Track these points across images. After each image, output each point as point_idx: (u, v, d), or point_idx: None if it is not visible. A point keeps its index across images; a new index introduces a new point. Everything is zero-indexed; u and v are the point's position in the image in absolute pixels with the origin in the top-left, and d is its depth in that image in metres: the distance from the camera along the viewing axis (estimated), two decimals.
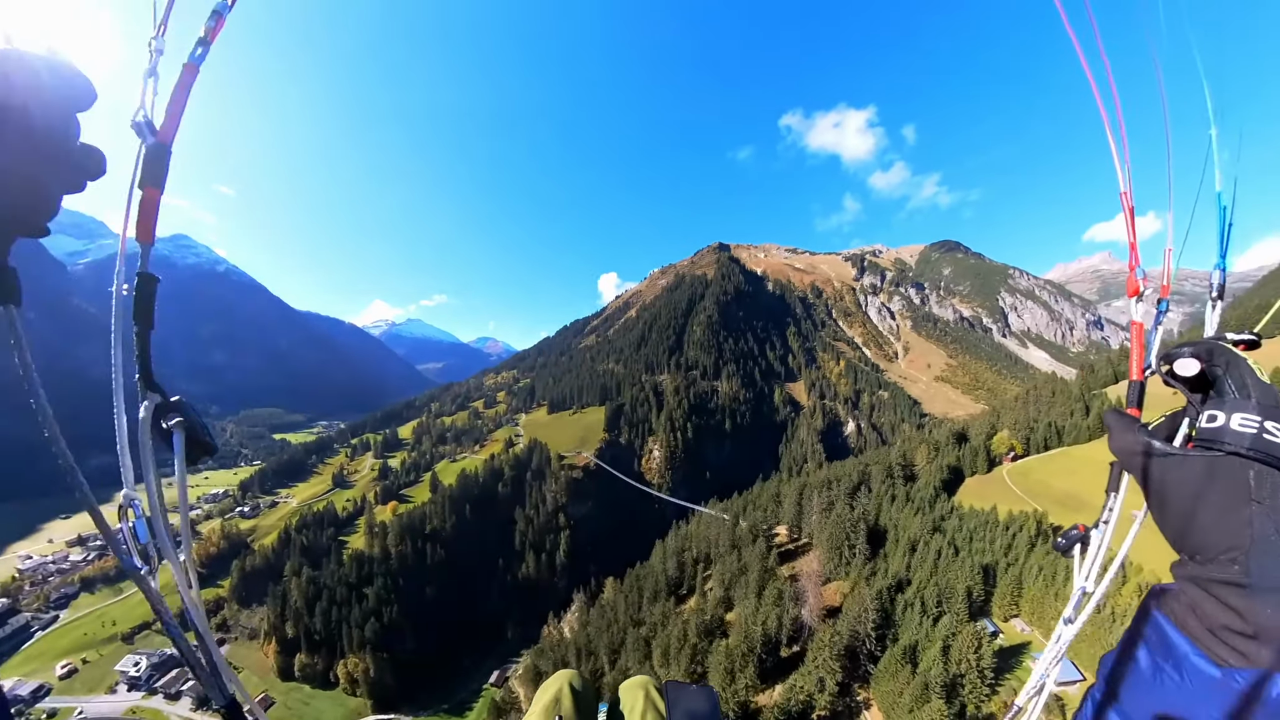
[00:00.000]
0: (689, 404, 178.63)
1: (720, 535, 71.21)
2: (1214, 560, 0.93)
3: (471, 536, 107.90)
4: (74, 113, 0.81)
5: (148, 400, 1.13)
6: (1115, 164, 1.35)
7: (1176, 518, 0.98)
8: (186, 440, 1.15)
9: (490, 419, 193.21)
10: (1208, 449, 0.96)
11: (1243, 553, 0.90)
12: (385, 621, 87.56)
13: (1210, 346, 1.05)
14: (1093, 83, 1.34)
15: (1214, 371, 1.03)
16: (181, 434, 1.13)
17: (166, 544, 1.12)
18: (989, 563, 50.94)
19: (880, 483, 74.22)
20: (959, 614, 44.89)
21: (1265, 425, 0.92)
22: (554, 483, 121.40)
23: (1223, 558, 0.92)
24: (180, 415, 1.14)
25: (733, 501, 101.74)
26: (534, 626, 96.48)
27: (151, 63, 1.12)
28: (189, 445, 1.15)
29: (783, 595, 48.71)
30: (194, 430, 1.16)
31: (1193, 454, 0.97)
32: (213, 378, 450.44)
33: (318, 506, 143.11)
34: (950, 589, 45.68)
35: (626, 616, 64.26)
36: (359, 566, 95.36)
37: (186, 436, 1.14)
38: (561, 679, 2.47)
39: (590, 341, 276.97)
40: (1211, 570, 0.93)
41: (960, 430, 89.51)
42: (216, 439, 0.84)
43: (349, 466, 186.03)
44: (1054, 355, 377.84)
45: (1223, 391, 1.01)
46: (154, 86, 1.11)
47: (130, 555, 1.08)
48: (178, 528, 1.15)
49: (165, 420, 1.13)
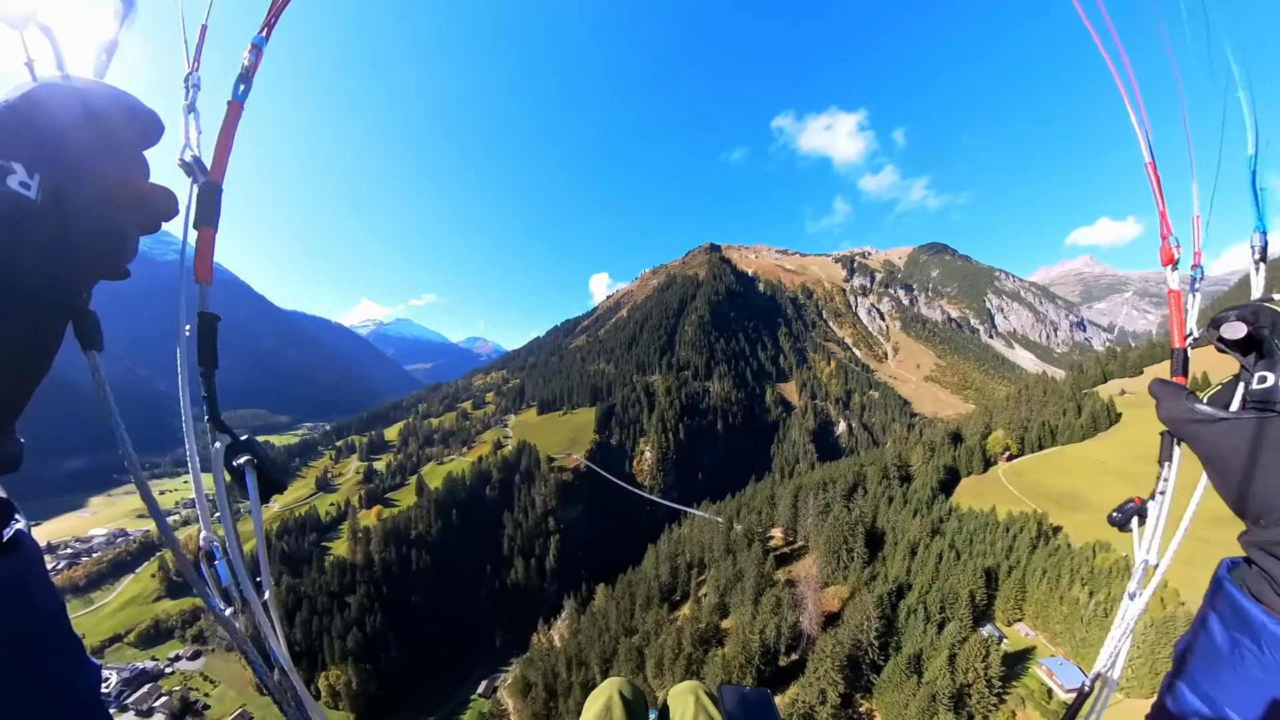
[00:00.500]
0: (681, 404, 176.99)
1: (714, 539, 69.42)
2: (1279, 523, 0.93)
3: (458, 542, 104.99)
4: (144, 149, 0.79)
5: (219, 442, 1.14)
6: (1139, 138, 1.38)
7: (1235, 482, 0.98)
8: (261, 478, 1.16)
9: (479, 420, 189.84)
10: (1262, 410, 0.96)
11: None
12: (368, 631, 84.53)
13: (1256, 308, 1.05)
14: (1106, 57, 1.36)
15: (1260, 333, 1.02)
16: (254, 473, 1.15)
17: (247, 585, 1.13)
18: (991, 565, 49.73)
19: (876, 484, 73.01)
20: (963, 620, 43.50)
21: None
22: (543, 485, 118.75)
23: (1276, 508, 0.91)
24: (250, 454, 1.15)
25: (726, 504, 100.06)
26: (523, 633, 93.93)
27: (190, 98, 1.11)
28: (263, 484, 1.16)
29: (781, 603, 47.03)
30: (265, 468, 1.16)
31: (1245, 415, 0.97)
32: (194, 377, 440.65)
33: (299, 511, 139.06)
34: (953, 594, 44.31)
35: (618, 625, 62.19)
36: (341, 574, 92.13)
37: (260, 474, 1.15)
38: (610, 688, 2.30)
39: (581, 341, 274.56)
40: (1276, 533, 0.92)
41: (955, 430, 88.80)
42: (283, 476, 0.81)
43: (333, 469, 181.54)
44: (1039, 356, 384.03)
45: (1271, 352, 1.00)
46: (195, 122, 1.11)
47: (213, 597, 1.08)
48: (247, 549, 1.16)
49: (235, 459, 1.15)
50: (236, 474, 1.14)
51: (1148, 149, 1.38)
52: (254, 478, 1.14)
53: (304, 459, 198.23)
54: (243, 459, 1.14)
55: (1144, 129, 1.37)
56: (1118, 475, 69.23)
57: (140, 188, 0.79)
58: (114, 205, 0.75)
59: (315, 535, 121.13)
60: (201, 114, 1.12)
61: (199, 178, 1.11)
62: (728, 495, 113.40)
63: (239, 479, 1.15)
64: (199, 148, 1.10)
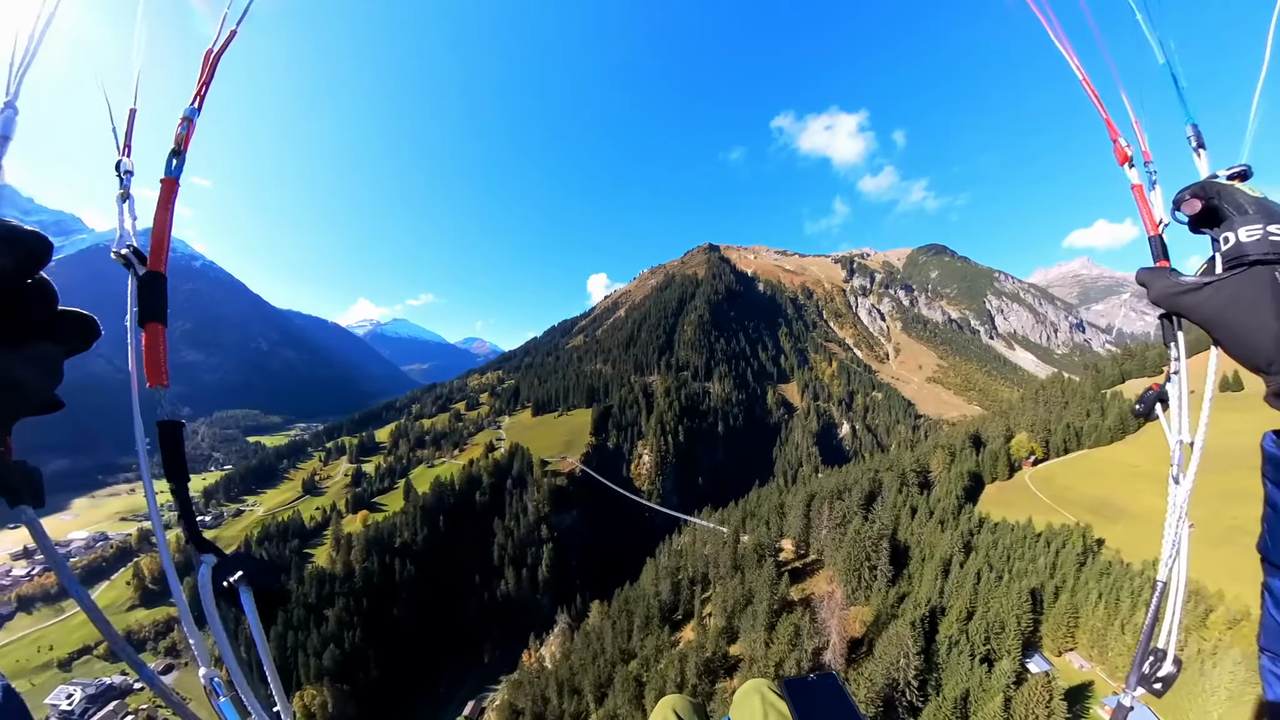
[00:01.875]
0: (680, 406, 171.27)
1: (720, 553, 63.76)
2: None
3: (445, 550, 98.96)
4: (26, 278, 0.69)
5: (204, 563, 1.02)
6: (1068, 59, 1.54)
7: (1236, 341, 1.04)
8: (257, 595, 1.03)
9: (472, 421, 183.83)
10: (1234, 268, 1.05)
11: None
12: (346, 648, 78.55)
13: (1204, 184, 1.16)
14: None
15: (1211, 204, 1.13)
16: (249, 591, 1.02)
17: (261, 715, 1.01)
18: (1035, 586, 44.20)
19: (895, 492, 67.52)
20: (1012, 653, 37.94)
21: (1268, 229, 1.03)
22: (536, 491, 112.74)
23: None
24: (241, 569, 1.03)
25: (730, 511, 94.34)
26: (514, 649, 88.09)
27: (124, 185, 1.04)
28: (260, 600, 1.04)
29: (800, 632, 41.42)
30: (261, 581, 1.05)
31: (1223, 275, 1.05)
32: (186, 377, 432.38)
33: (283, 516, 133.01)
34: (998, 621, 38.73)
35: (614, 648, 56.49)
36: (319, 585, 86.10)
37: (256, 590, 1.03)
38: (664, 710, 2.19)
39: (578, 342, 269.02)
40: None
41: (975, 433, 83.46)
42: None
43: (322, 472, 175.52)
44: (1040, 357, 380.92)
45: (1225, 215, 1.11)
46: (130, 210, 1.03)
47: None
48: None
49: (226, 579, 1.03)
50: (229, 594, 1.02)
51: (1078, 68, 1.53)
52: (250, 596, 1.01)
53: (293, 460, 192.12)
54: (234, 577, 1.02)
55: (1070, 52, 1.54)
56: (1153, 480, 64.41)
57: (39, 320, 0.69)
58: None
59: (297, 542, 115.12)
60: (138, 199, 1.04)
61: (139, 269, 1.02)
62: (730, 502, 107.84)
63: (232, 599, 1.02)
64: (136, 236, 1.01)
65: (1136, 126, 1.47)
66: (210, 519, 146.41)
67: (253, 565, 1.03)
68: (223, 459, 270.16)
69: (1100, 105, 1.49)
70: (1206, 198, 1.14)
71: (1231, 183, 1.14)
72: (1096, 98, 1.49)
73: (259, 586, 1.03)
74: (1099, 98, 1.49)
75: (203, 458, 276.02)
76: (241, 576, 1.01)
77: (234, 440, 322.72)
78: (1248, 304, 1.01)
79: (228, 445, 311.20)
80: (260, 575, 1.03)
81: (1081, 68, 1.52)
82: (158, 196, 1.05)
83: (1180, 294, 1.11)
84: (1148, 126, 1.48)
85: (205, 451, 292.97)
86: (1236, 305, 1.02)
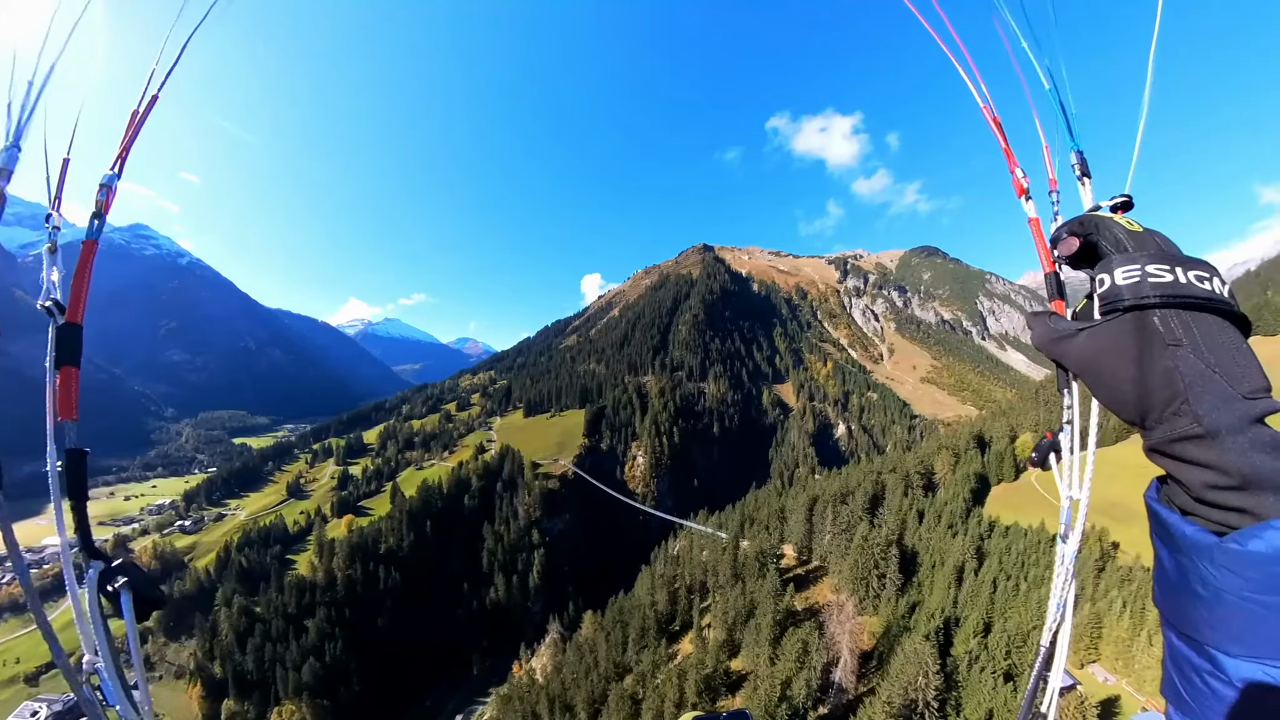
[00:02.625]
0: (675, 406, 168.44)
1: (719, 561, 60.95)
2: (1164, 420, 0.87)
3: (432, 557, 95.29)
4: None
5: (91, 569, 1.18)
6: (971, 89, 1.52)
7: (1110, 389, 0.94)
8: (136, 599, 1.20)
9: (462, 422, 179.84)
10: (1110, 312, 0.95)
11: (1183, 400, 0.85)
12: (327, 660, 74.81)
13: (1082, 219, 1.07)
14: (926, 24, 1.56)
15: (1089, 240, 1.04)
16: (129, 594, 1.18)
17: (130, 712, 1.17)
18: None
19: (900, 495, 65.15)
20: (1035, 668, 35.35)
21: (1146, 269, 0.92)
22: (527, 494, 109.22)
23: (1169, 413, 0.86)
24: (124, 575, 1.20)
25: (727, 515, 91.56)
26: (504, 660, 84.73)
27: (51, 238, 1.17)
28: (138, 604, 1.21)
29: (808, 648, 38.69)
30: (140, 587, 1.21)
31: (1097, 322, 0.95)
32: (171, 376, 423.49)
33: (265, 520, 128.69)
34: (1019, 634, 36.24)
35: (608, 662, 53.51)
36: (299, 594, 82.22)
37: (135, 594, 1.19)
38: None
39: (571, 341, 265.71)
40: (1167, 431, 0.87)
41: (979, 434, 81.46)
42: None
43: (307, 474, 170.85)
44: (1031, 358, 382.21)
45: (1103, 253, 1.02)
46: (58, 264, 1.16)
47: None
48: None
49: (111, 584, 1.20)
50: (114, 598, 1.18)
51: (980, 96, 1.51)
52: (129, 599, 1.17)
53: (278, 463, 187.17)
54: (119, 582, 1.19)
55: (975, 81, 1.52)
56: None
57: None
58: None
59: (279, 547, 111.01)
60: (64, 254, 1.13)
61: (58, 319, 1.13)
62: (727, 505, 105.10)
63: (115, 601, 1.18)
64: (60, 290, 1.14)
65: (1046, 151, 1.39)
66: (190, 523, 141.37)
67: (135, 573, 1.20)
68: (207, 461, 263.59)
69: (999, 132, 1.44)
70: (1084, 234, 1.05)
71: (1113, 215, 1.06)
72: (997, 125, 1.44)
73: (138, 592, 1.19)
74: (1000, 126, 1.44)
75: (186, 460, 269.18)
76: (124, 582, 1.18)
77: (219, 442, 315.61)
78: (1117, 353, 0.91)
79: (212, 447, 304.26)
80: (140, 582, 1.20)
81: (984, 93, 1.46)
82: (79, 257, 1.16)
83: (1057, 340, 1.02)
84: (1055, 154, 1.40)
85: (189, 453, 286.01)
86: (1107, 354, 0.92)
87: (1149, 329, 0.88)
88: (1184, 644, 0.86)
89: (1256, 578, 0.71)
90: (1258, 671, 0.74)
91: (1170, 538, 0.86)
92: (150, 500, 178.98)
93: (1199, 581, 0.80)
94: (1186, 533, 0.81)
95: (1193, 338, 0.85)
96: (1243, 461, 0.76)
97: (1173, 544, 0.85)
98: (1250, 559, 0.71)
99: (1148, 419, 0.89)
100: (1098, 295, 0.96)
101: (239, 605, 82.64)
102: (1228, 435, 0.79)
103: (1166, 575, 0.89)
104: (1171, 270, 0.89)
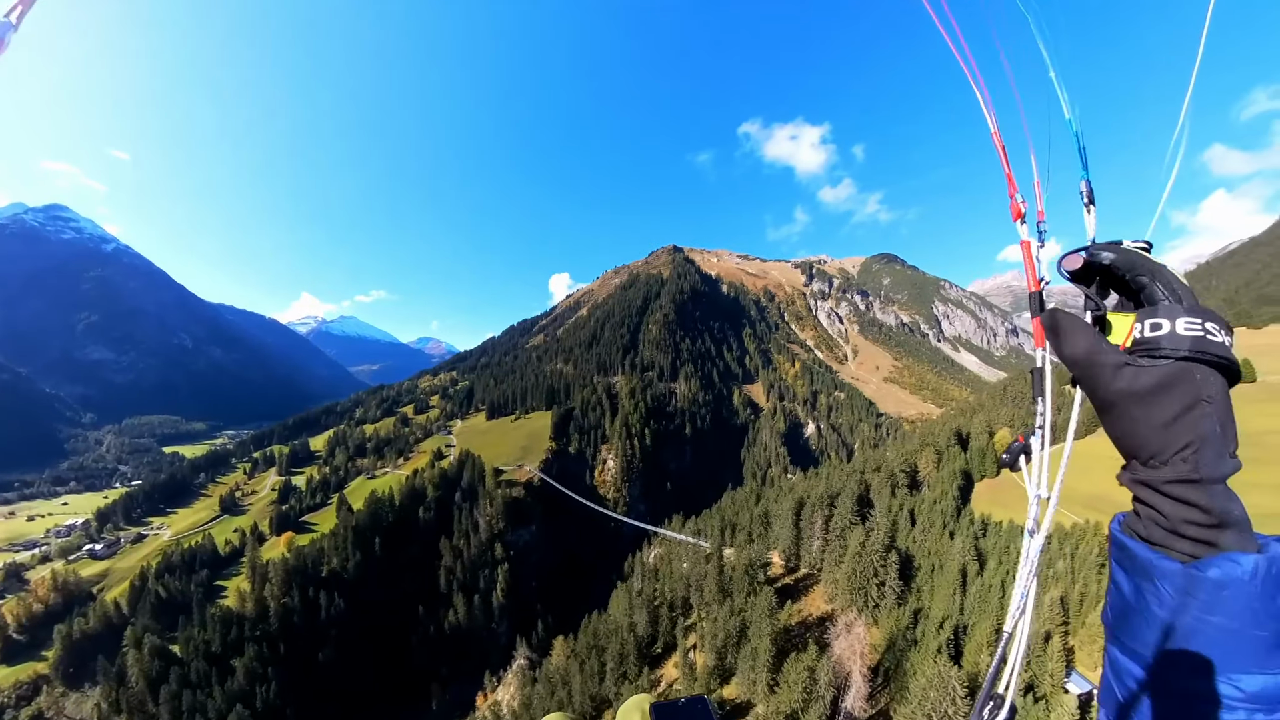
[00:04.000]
0: (646, 407, 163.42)
1: (703, 575, 56.08)
2: (1169, 463, 0.97)
3: (382, 578, 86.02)
4: None
5: None
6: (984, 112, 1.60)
7: (1133, 424, 1.00)
8: None
9: (420, 426, 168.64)
10: (1151, 354, 1.01)
11: (1195, 450, 0.95)
12: (258, 706, 65.15)
13: (1132, 258, 1.11)
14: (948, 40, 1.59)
15: (1139, 281, 1.10)
16: None
17: None
18: (1060, 595, 39.23)
19: (888, 496, 62.34)
20: (1056, 677, 32.32)
21: (1206, 326, 0.99)
22: (489, 504, 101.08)
23: (1177, 458, 0.96)
24: None
25: (705, 520, 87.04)
26: (467, 687, 76.96)
27: None
28: None
29: (816, 679, 34.21)
30: None
31: (1158, 363, 1.00)
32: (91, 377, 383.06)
33: (192, 541, 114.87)
34: (1037, 640, 33.08)
35: (584, 695, 47.63)
36: (225, 629, 71.76)
37: None
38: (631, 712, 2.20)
39: (538, 341, 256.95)
40: (1166, 472, 0.97)
41: (958, 429, 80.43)
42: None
43: (246, 486, 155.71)
44: (982, 359, 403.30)
45: (1155, 299, 1.07)
46: None
47: None
48: None
49: None
50: None
51: (992, 120, 1.60)
52: None
53: (212, 474, 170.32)
54: None
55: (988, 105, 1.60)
56: None
57: None
58: None
59: (207, 573, 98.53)
60: None
61: None
62: (703, 509, 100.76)
63: None
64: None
65: (1037, 186, 1.52)
66: (102, 547, 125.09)
67: None
68: (131, 473, 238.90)
69: (1005, 159, 1.54)
70: (1133, 272, 1.10)
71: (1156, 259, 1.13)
72: (1003, 152, 1.54)
73: None
74: (1005, 152, 1.55)
75: (106, 472, 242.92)
76: None
77: (147, 451, 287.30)
78: (1159, 396, 0.98)
79: (138, 457, 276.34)
80: None
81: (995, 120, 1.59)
82: None
83: (1099, 361, 1.03)
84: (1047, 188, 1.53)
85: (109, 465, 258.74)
86: (1149, 394, 0.98)
87: (1194, 382, 0.96)
88: (1129, 658, 1.01)
89: (1208, 600, 0.88)
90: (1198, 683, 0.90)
91: (1134, 564, 0.99)
92: (59, 520, 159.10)
93: (1157, 603, 0.94)
94: (1154, 560, 0.94)
95: (1218, 396, 0.96)
96: (1220, 506, 0.92)
97: (1135, 570, 0.98)
98: (1207, 583, 0.88)
99: (1155, 459, 0.98)
100: (1151, 337, 1.01)
101: (151, 645, 71.41)
102: (1214, 484, 0.94)
103: (1123, 597, 1.02)
104: (1219, 329, 0.99)
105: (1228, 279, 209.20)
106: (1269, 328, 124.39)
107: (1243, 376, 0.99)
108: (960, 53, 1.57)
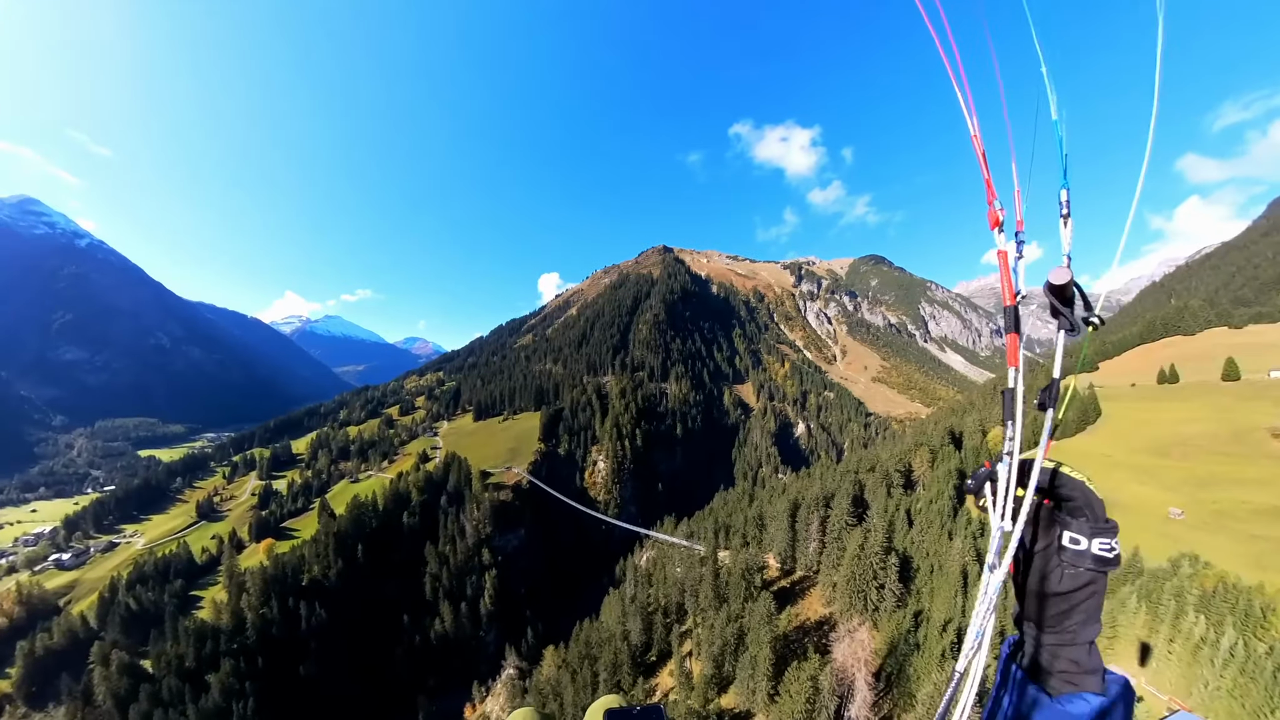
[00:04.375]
0: (637, 407, 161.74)
1: (698, 580, 54.69)
2: (1064, 628, 1.37)
3: (365, 586, 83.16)
4: None
5: None
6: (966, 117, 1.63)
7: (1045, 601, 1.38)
8: None
9: (405, 428, 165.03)
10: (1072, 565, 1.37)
11: (1079, 623, 1.36)
12: None
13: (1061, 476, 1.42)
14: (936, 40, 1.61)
15: (1069, 494, 1.41)
16: None
17: None
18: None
19: (884, 496, 61.58)
20: None
21: (1114, 544, 1.35)
22: (475, 508, 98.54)
23: (1070, 626, 1.36)
24: None
25: (698, 522, 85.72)
26: (455, 699, 74.66)
27: None
28: None
29: (819, 688, 33.02)
30: None
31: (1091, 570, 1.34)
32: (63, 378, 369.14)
33: (166, 549, 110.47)
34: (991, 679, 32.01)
35: (576, 707, 45.87)
36: (200, 643, 68.53)
37: None
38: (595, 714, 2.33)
39: (527, 341, 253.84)
40: (1062, 637, 1.37)
41: (950, 428, 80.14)
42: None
43: (224, 491, 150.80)
44: (968, 359, 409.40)
45: (1074, 511, 1.38)
46: None
47: None
48: None
49: None
50: None
51: (973, 125, 1.61)
52: None
53: (189, 478, 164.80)
54: None
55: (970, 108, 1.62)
56: (1129, 470, 63.84)
57: None
58: None
59: (182, 583, 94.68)
60: None
61: None
62: (695, 510, 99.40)
63: None
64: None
65: (1017, 195, 1.53)
66: (70, 556, 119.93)
67: None
68: (104, 478, 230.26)
69: (984, 164, 1.54)
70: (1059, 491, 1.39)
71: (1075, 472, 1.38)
72: (983, 157, 1.54)
73: None
74: (985, 158, 1.55)
75: (78, 477, 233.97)
76: None
77: (121, 455, 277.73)
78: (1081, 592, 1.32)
79: (112, 461, 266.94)
80: None
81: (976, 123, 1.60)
82: None
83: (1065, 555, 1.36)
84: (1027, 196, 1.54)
85: (81, 469, 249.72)
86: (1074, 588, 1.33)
87: (1099, 585, 1.35)
88: None
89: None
90: None
91: (1015, 690, 1.38)
92: (27, 529, 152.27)
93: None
94: (1030, 692, 1.34)
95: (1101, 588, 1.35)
96: (1089, 662, 1.32)
97: (1015, 693, 1.37)
98: (1066, 715, 1.26)
99: (1056, 626, 1.39)
100: (1065, 547, 1.33)
101: (120, 661, 67.93)
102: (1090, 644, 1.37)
103: (1002, 710, 1.41)
104: (1115, 540, 1.34)
105: (1206, 280, 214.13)
106: (1249, 328, 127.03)
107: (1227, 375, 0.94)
108: (947, 52, 1.57)
